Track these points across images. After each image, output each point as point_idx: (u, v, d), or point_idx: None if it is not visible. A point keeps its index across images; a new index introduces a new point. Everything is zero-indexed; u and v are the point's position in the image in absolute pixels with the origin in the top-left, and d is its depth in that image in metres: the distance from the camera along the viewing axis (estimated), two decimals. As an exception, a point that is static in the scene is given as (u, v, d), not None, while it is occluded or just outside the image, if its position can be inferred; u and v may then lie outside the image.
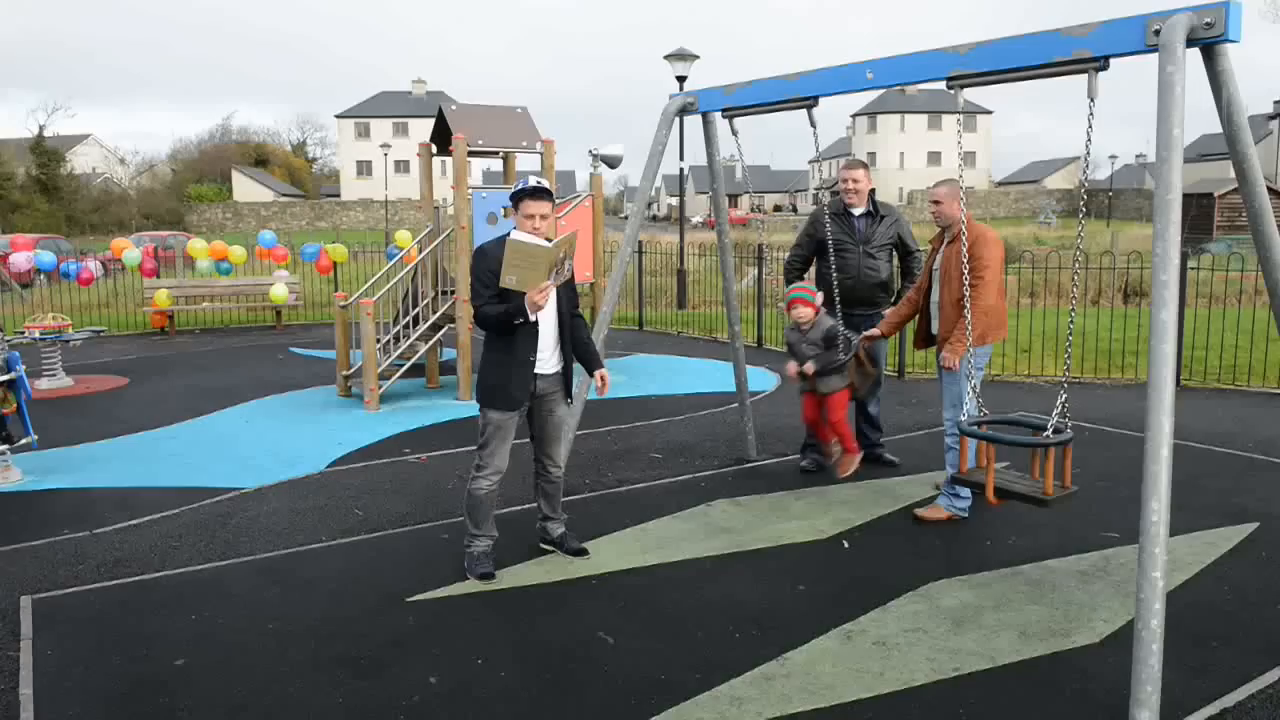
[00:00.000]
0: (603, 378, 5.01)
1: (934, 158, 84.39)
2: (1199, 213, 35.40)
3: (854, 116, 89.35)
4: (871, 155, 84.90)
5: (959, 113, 4.57)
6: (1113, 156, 68.00)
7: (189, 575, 5.05)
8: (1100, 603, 4.63)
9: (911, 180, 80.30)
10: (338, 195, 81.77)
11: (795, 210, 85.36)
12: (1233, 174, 4.26)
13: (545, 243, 4.58)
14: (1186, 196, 34.38)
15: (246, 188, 79.77)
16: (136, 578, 5.02)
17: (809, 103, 5.30)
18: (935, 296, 5.80)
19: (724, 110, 5.84)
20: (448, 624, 4.44)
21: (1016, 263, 16.76)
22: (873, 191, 6.72)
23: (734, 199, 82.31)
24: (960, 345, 5.40)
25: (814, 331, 6.13)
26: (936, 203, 5.67)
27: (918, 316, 6.02)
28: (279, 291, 16.03)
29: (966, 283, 5.07)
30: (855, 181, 6.58)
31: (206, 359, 12.80)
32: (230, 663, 4.07)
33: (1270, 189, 35.08)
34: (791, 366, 6.26)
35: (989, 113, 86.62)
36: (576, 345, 5.08)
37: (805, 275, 6.92)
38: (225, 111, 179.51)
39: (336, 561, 5.25)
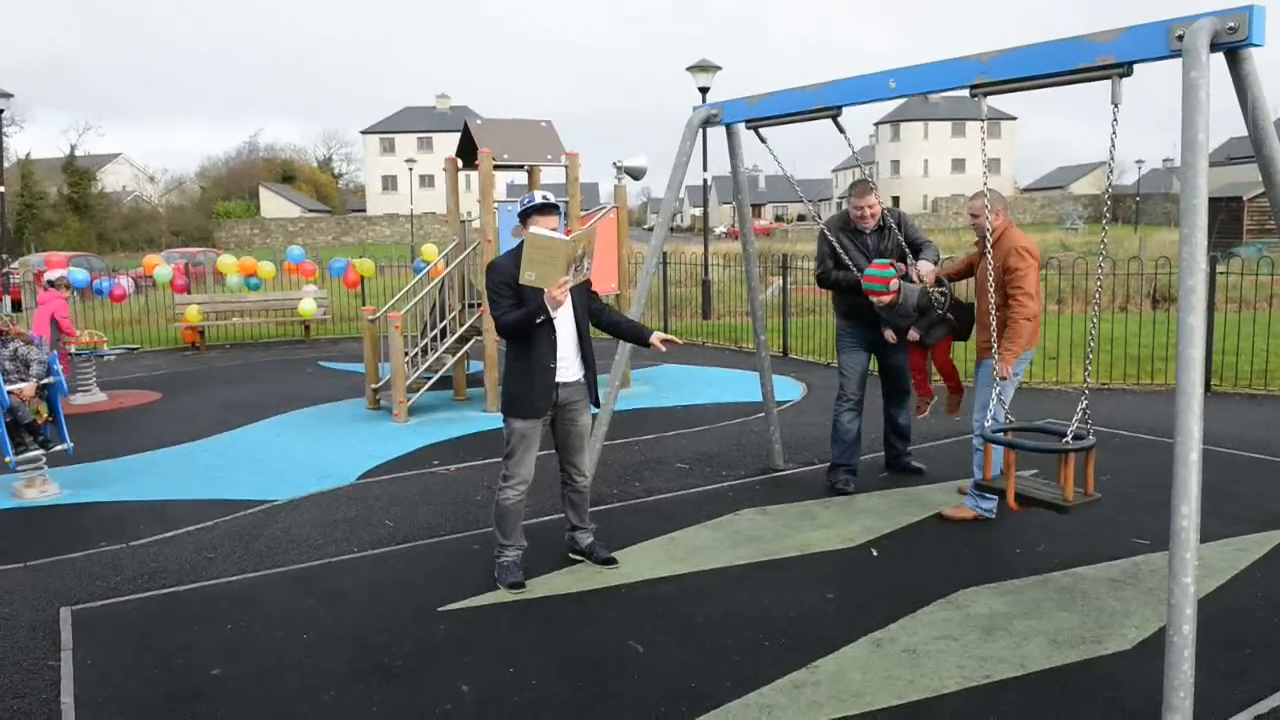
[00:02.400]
0: (661, 340, 5.02)
1: (958, 165, 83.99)
2: (1227, 216, 35.05)
3: (877, 125, 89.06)
4: (895, 163, 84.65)
5: (983, 119, 4.57)
6: (1139, 161, 67.48)
7: (224, 586, 5.13)
8: (1132, 609, 4.60)
9: (935, 188, 79.95)
10: (363, 210, 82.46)
11: (819, 219, 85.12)
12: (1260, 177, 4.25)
13: (564, 237, 4.61)
14: (1215, 200, 34.05)
15: (273, 204, 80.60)
16: (172, 589, 5.10)
17: (833, 112, 5.32)
18: (979, 304, 5.82)
19: (748, 121, 5.87)
20: (479, 633, 4.48)
21: (1045, 269, 16.66)
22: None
23: (757, 209, 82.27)
24: (1010, 353, 5.45)
25: (903, 306, 6.05)
26: (975, 216, 5.65)
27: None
28: (307, 306, 16.20)
29: (991, 293, 5.08)
30: (871, 209, 6.36)
31: (237, 373, 12.96)
32: (266, 672, 4.13)
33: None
34: (890, 334, 6.29)
35: (1013, 119, 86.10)
36: (616, 328, 5.15)
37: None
38: (252, 129, 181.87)
39: (369, 572, 5.31)
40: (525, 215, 4.78)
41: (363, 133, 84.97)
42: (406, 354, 9.66)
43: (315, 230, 71.64)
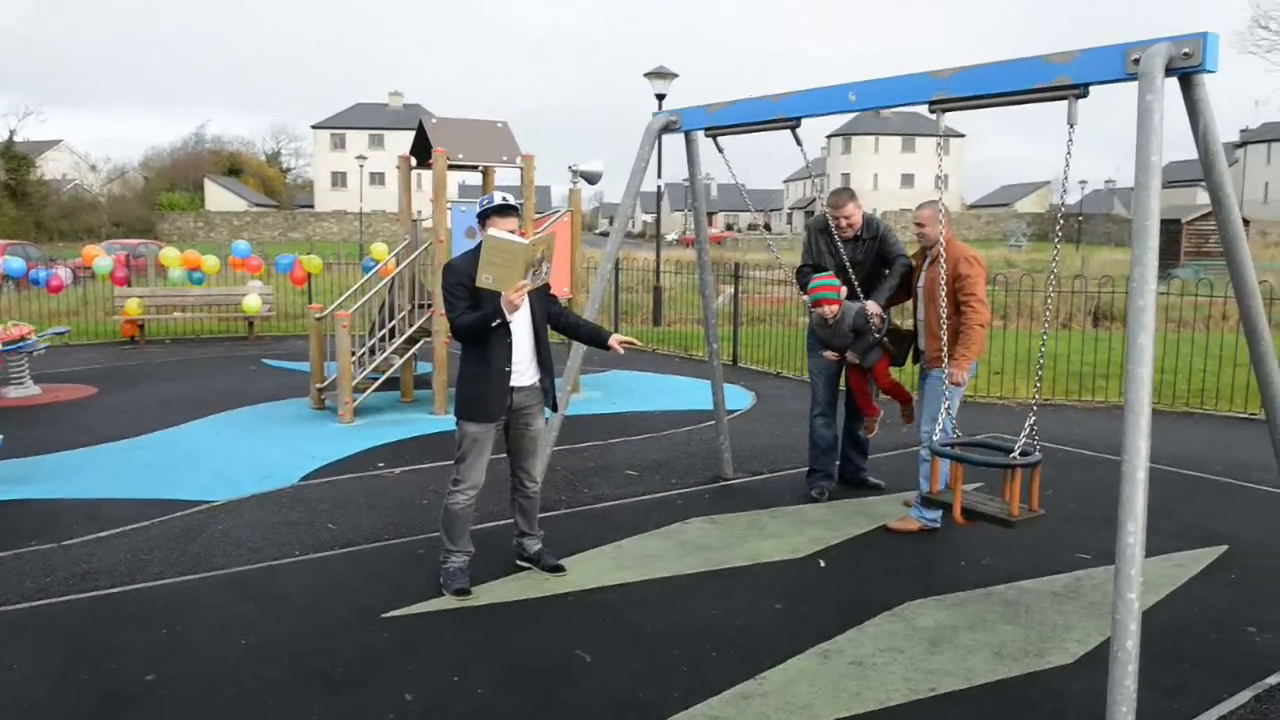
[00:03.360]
0: (620, 341, 5.00)
1: (907, 179, 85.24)
2: (1167, 238, 35.87)
3: (829, 137, 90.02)
4: (845, 176, 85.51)
5: (940, 136, 4.61)
6: (1083, 181, 69.08)
7: (160, 589, 4.98)
8: (1074, 623, 4.66)
9: (885, 201, 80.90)
10: (311, 206, 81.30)
11: (769, 229, 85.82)
12: (1199, 200, 4.33)
13: (523, 240, 4.56)
14: (1160, 223, 34.85)
15: (219, 197, 79.20)
16: (106, 591, 4.94)
17: (792, 123, 5.34)
18: (921, 315, 5.90)
19: (706, 129, 5.87)
20: (423, 640, 4.40)
21: (990, 285, 16.92)
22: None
23: (709, 217, 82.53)
24: (966, 359, 5.56)
25: (842, 324, 6.13)
26: (920, 225, 5.77)
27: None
28: (252, 302, 15.90)
29: (942, 303, 5.15)
30: (848, 219, 6.35)
31: (177, 369, 12.67)
32: (202, 678, 4.01)
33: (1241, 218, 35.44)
34: (830, 355, 6.38)
35: (962, 136, 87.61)
36: (575, 330, 5.12)
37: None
38: (199, 120, 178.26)
39: (310, 576, 5.20)
40: (484, 216, 4.71)
41: (313, 127, 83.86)
42: (354, 353, 9.52)
43: (261, 225, 70.53)
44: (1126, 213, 69.05)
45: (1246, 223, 32.08)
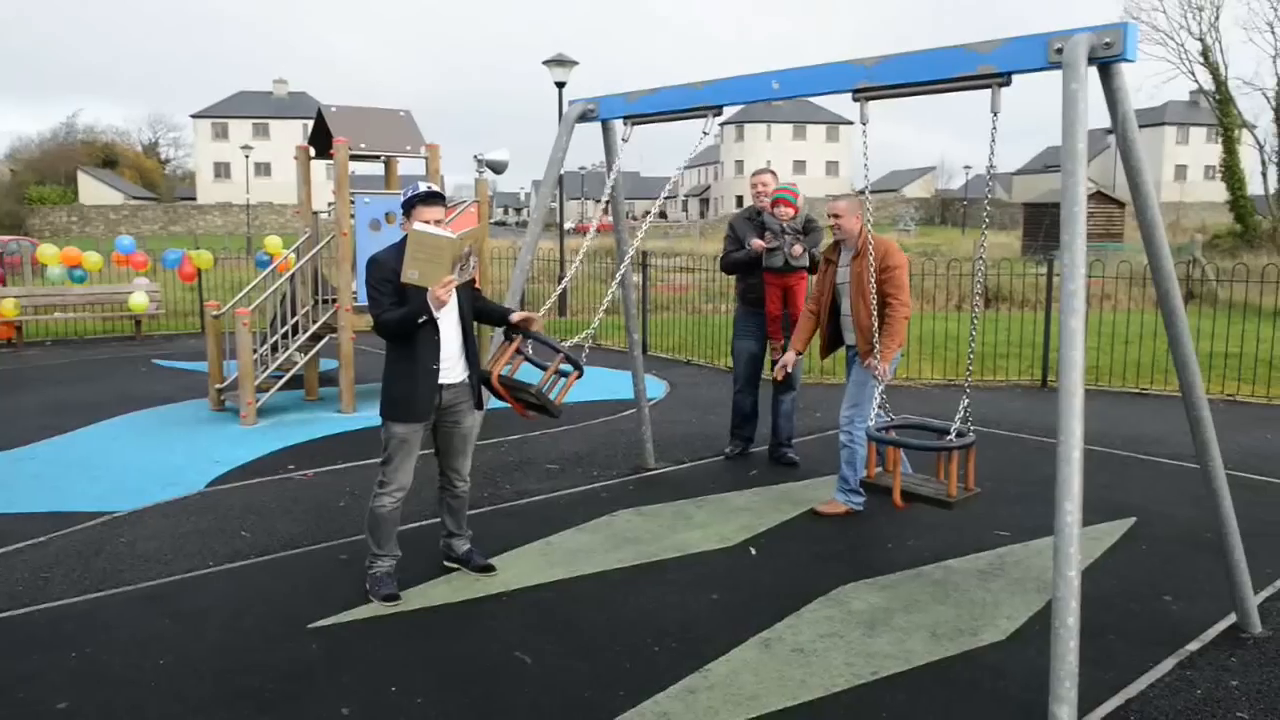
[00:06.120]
0: (520, 318, 4.91)
1: (799, 166, 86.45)
2: (1052, 222, 37.31)
3: (721, 125, 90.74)
4: (739, 163, 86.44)
5: (864, 123, 4.62)
6: (967, 167, 71.29)
7: (65, 609, 4.68)
8: (1002, 600, 4.77)
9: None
10: (194, 199, 78.19)
11: (664, 217, 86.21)
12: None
13: (450, 234, 4.42)
14: (1041, 207, 36.20)
15: (94, 190, 75.49)
16: (5, 614, 4.62)
17: (714, 111, 5.31)
18: (845, 309, 5.95)
19: (626, 117, 5.79)
20: (355, 650, 4.25)
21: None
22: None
23: (602, 206, 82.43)
24: (889, 353, 5.61)
25: (779, 252, 6.82)
26: (836, 216, 5.81)
27: (818, 330, 6.20)
28: (139, 300, 15.19)
29: (871, 292, 5.21)
30: (764, 185, 7.02)
31: (61, 372, 12.01)
32: (120, 703, 3.78)
33: (1111, 198, 36.76)
34: (757, 244, 6.80)
35: (850, 123, 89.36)
36: (483, 315, 5.04)
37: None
38: (70, 108, 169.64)
39: (227, 588, 4.96)
40: (409, 206, 4.55)
41: (193, 117, 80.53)
42: (255, 352, 9.17)
43: (141, 219, 67.47)
44: (1008, 196, 71.59)
45: (1121, 205, 33.58)
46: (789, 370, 6.42)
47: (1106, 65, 3.76)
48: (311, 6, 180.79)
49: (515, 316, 4.95)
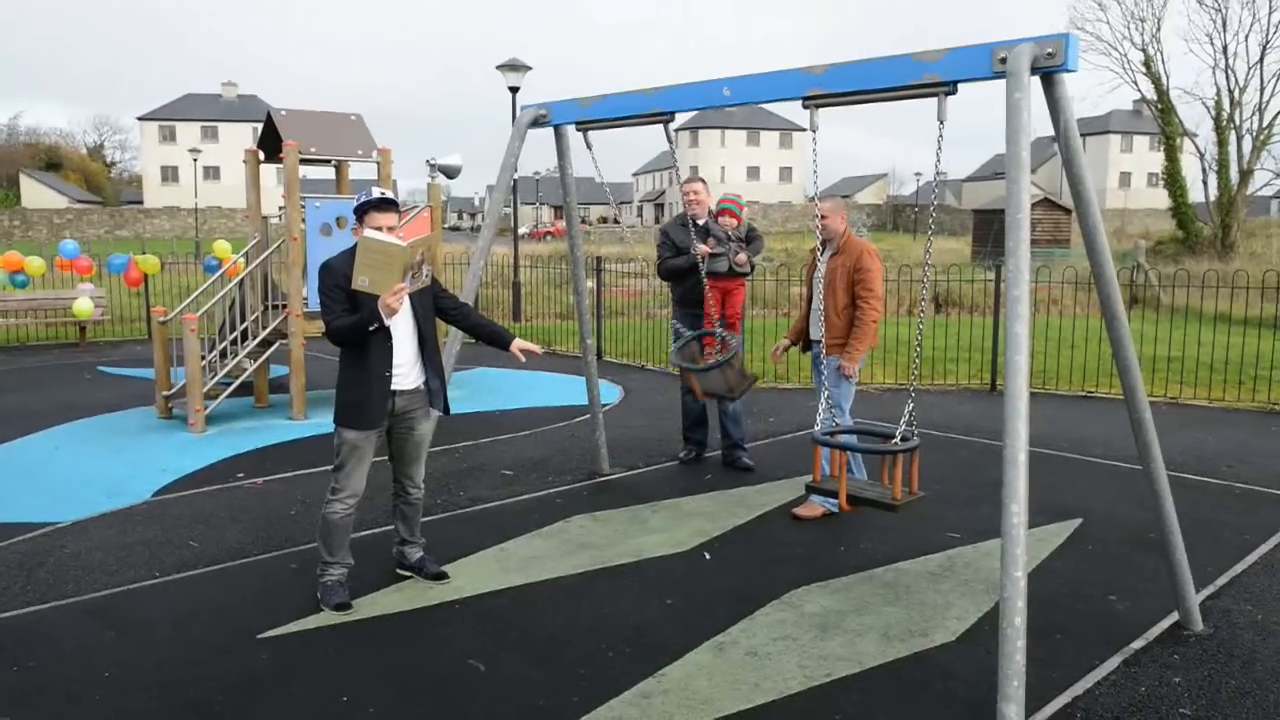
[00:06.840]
0: (521, 349, 5.02)
1: (753, 172, 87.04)
2: (1000, 228, 37.95)
3: (676, 131, 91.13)
4: (694, 169, 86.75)
5: (814, 130, 4.68)
6: (918, 173, 72.22)
7: (7, 622, 4.57)
8: (952, 601, 4.84)
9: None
10: (141, 203, 76.79)
11: (618, 222, 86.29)
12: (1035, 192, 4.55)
13: (400, 241, 4.39)
14: (990, 213, 36.73)
15: (36, 193, 73.90)
16: (-58, 628, 4.51)
17: (665, 117, 5.33)
18: (818, 305, 6.04)
19: (578, 123, 5.80)
20: (306, 660, 4.20)
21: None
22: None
23: (557, 210, 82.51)
24: (856, 353, 5.81)
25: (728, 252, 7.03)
26: (824, 217, 5.98)
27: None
28: (83, 306, 14.87)
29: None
30: (695, 194, 7.09)
31: (3, 380, 11.72)
32: (64, 717, 3.70)
33: (1058, 205, 37.46)
34: (703, 249, 6.83)
35: (803, 130, 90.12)
36: (478, 330, 5.04)
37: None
38: (12, 110, 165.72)
39: (174, 599, 4.88)
40: (362, 211, 4.52)
41: (140, 119, 79.18)
42: (203, 358, 9.03)
43: (85, 223, 66.11)
44: (957, 203, 72.66)
45: (1068, 211, 34.20)
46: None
47: (1049, 75, 3.84)
48: (262, 7, 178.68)
49: (516, 346, 5.01)
